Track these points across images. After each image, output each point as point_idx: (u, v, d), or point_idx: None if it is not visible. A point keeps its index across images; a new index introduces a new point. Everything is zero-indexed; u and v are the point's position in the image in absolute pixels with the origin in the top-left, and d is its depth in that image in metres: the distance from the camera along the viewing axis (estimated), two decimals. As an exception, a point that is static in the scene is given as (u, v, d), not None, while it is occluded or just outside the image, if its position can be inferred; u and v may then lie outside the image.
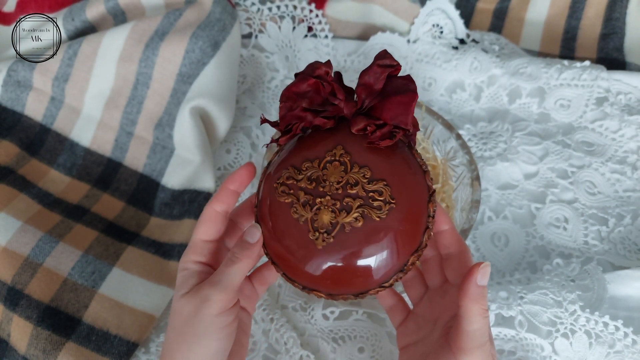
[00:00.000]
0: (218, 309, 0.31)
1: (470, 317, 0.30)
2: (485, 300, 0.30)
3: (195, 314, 0.31)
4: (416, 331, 0.36)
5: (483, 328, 0.30)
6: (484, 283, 0.30)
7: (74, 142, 0.55)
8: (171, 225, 0.51)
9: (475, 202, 0.43)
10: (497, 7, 0.70)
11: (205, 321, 0.31)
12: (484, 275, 0.30)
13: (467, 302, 0.30)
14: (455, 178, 0.47)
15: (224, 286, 0.31)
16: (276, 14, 0.65)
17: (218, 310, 0.31)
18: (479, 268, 0.30)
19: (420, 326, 0.36)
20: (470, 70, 0.61)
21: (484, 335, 0.31)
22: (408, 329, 0.37)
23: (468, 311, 0.30)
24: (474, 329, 0.30)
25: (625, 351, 0.41)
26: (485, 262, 0.30)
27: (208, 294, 0.31)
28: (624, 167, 0.54)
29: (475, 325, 0.30)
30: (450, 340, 0.31)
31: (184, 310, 0.32)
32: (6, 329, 0.43)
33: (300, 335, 0.45)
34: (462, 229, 0.41)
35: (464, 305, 0.30)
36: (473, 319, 0.30)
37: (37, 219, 0.48)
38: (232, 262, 0.32)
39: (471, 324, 0.30)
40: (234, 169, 0.56)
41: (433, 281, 0.36)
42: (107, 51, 0.54)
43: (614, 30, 0.65)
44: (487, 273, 0.30)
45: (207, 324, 0.31)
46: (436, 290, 0.35)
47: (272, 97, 0.61)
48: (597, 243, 0.50)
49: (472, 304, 0.30)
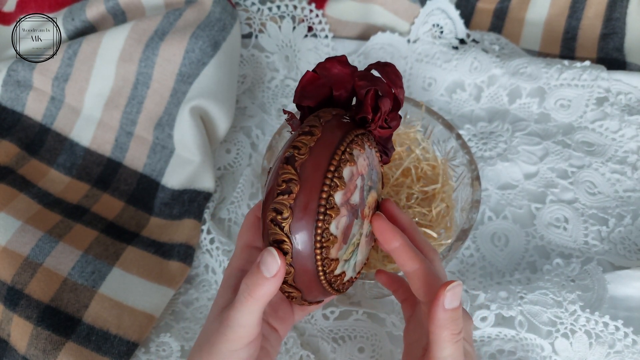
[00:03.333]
0: (236, 345, 0.29)
1: (440, 343, 0.29)
2: (455, 324, 0.29)
3: (212, 344, 0.29)
4: (415, 330, 0.35)
5: (455, 353, 0.29)
6: (454, 305, 0.28)
7: (74, 142, 0.55)
8: (171, 225, 0.51)
9: (476, 202, 0.43)
10: (497, 7, 0.70)
11: (220, 356, 0.29)
12: (453, 296, 0.28)
13: (434, 328, 0.29)
14: (455, 178, 0.47)
15: (240, 324, 0.29)
16: (276, 14, 0.65)
17: (236, 346, 0.29)
18: (446, 290, 0.28)
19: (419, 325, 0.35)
20: (470, 70, 0.61)
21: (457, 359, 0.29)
22: (410, 325, 0.36)
23: (437, 338, 0.29)
24: (445, 356, 0.29)
25: (625, 351, 0.41)
26: (455, 282, 0.28)
27: (227, 327, 0.29)
28: (624, 167, 0.54)
29: (446, 352, 0.29)
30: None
31: (208, 330, 0.30)
32: (6, 329, 0.43)
33: (300, 335, 0.45)
34: (462, 229, 0.41)
35: (432, 332, 0.29)
36: (442, 345, 0.29)
37: (37, 219, 0.48)
38: (244, 301, 0.28)
39: (441, 351, 0.29)
40: (234, 168, 0.56)
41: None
42: (107, 51, 0.54)
43: (614, 30, 0.65)
44: (457, 294, 0.28)
45: (222, 358, 0.29)
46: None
47: (272, 97, 0.61)
48: (597, 243, 0.50)
49: (441, 331, 0.28)
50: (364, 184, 0.30)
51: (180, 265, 0.48)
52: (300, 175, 0.27)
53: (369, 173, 0.31)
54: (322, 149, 0.28)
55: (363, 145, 0.30)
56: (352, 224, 0.29)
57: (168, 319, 0.46)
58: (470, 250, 0.50)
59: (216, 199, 0.53)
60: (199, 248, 0.50)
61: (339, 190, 0.28)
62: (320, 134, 0.28)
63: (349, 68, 0.32)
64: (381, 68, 0.33)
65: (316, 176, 0.27)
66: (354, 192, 0.29)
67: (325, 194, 0.27)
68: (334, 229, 0.28)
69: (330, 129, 0.29)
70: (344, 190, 0.28)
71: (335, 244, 0.28)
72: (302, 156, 0.28)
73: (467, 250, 0.50)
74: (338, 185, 0.27)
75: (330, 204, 0.27)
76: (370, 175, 0.31)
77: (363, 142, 0.30)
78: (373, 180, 0.32)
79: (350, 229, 0.29)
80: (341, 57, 0.32)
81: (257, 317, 0.29)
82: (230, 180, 0.56)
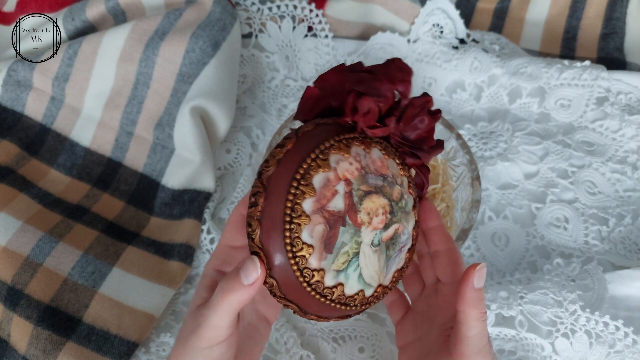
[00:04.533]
0: (206, 343, 0.29)
1: (469, 322, 0.29)
2: (483, 304, 0.30)
3: (186, 340, 0.30)
4: (414, 330, 0.36)
5: (482, 332, 0.30)
6: (481, 285, 0.29)
7: (74, 142, 0.55)
8: (171, 225, 0.51)
9: (476, 202, 0.43)
10: (497, 7, 0.70)
11: (192, 352, 0.30)
12: (480, 277, 0.29)
13: (464, 307, 0.29)
14: (455, 178, 0.47)
15: (211, 324, 0.29)
16: (276, 14, 0.65)
17: (206, 344, 0.29)
18: (475, 270, 0.29)
19: (418, 325, 0.35)
20: (470, 70, 0.61)
21: (484, 339, 0.30)
22: (406, 327, 0.36)
23: (466, 316, 0.29)
24: (473, 334, 0.29)
25: (625, 351, 0.41)
26: (481, 264, 0.29)
27: (198, 325, 0.29)
28: (624, 167, 0.54)
29: (475, 331, 0.29)
30: (451, 346, 0.31)
31: (185, 329, 0.31)
32: (6, 329, 0.43)
33: (300, 335, 0.45)
34: (462, 229, 0.41)
35: (462, 311, 0.29)
36: (472, 324, 0.29)
37: (37, 219, 0.48)
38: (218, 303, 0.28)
39: (470, 330, 0.29)
40: (234, 168, 0.56)
41: (428, 278, 0.36)
42: (107, 51, 0.54)
43: (614, 30, 0.65)
44: (483, 275, 0.29)
45: (194, 354, 0.30)
46: (431, 287, 0.35)
47: (273, 96, 0.61)
48: (597, 243, 0.50)
49: (470, 309, 0.29)
50: (351, 188, 0.29)
51: (180, 265, 0.48)
52: (266, 188, 0.28)
53: (364, 177, 0.29)
54: (290, 159, 0.28)
55: (349, 148, 0.29)
56: (335, 231, 0.28)
57: (168, 319, 0.46)
58: (470, 250, 0.50)
59: (216, 199, 0.53)
60: (199, 248, 0.50)
61: (307, 197, 0.27)
62: (292, 145, 0.29)
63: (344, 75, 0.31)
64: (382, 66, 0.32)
65: (281, 186, 0.28)
66: (333, 199, 0.28)
67: (290, 202, 0.27)
68: (306, 237, 0.27)
69: (306, 139, 0.29)
70: (314, 197, 0.27)
71: (313, 253, 0.28)
72: (268, 169, 0.28)
73: (468, 250, 0.50)
74: (305, 192, 0.27)
75: (297, 212, 0.27)
76: (366, 179, 0.29)
77: (350, 146, 0.29)
78: (376, 184, 0.30)
79: (334, 237, 0.28)
80: (340, 65, 0.32)
81: (229, 320, 0.29)
82: (231, 180, 0.56)
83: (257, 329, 0.35)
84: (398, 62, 0.32)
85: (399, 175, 0.31)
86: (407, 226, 0.31)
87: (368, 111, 0.30)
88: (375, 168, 0.30)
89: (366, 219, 0.29)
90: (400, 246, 0.31)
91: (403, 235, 0.31)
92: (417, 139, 0.32)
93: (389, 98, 0.31)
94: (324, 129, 0.30)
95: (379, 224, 0.29)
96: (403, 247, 0.31)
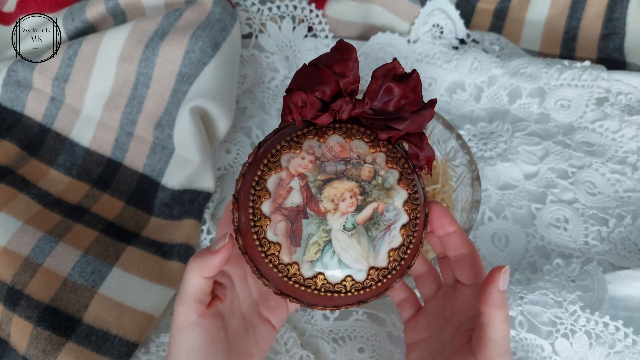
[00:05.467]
0: (181, 323, 0.31)
1: (495, 324, 0.29)
2: (507, 306, 0.30)
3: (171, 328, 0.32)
4: (426, 328, 0.36)
5: (507, 334, 0.30)
6: (505, 287, 0.30)
7: (74, 142, 0.55)
8: (171, 225, 0.51)
9: (476, 202, 0.43)
10: (497, 7, 0.70)
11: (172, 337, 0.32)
12: (505, 280, 0.29)
13: (490, 309, 0.29)
14: (455, 178, 0.47)
15: (180, 299, 0.31)
16: (276, 14, 0.65)
17: (181, 325, 0.31)
18: (501, 273, 0.29)
19: (430, 323, 0.35)
20: (470, 70, 0.61)
21: (508, 341, 0.30)
22: (418, 324, 0.36)
23: (492, 318, 0.29)
24: (498, 336, 0.30)
25: (625, 351, 0.41)
26: (506, 266, 0.30)
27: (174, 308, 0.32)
28: (624, 168, 0.54)
29: (500, 333, 0.30)
30: (475, 348, 0.31)
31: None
32: (6, 329, 0.43)
33: (300, 335, 0.45)
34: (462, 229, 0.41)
35: (487, 313, 0.29)
36: (497, 325, 0.29)
37: (37, 219, 0.48)
38: (189, 265, 0.31)
39: (496, 331, 0.29)
40: (234, 169, 0.56)
41: (446, 279, 0.35)
42: (107, 51, 0.54)
43: (614, 30, 0.65)
44: (507, 278, 0.30)
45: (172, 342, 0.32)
46: (449, 288, 0.35)
47: (272, 97, 0.61)
48: (597, 243, 0.50)
49: (496, 311, 0.29)
50: (307, 181, 0.30)
51: (180, 266, 0.48)
52: (237, 200, 0.31)
53: (320, 167, 0.30)
54: (251, 170, 0.31)
55: (300, 144, 0.31)
56: (298, 225, 0.30)
57: (168, 319, 0.46)
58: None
59: (216, 199, 0.53)
60: (199, 248, 0.50)
61: (264, 200, 0.30)
62: (253, 157, 0.32)
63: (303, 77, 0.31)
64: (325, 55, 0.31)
65: (244, 196, 0.30)
66: (288, 196, 0.30)
67: (250, 209, 0.30)
68: (271, 236, 0.30)
69: (265, 148, 0.31)
70: (270, 198, 0.30)
71: (281, 249, 0.30)
72: (237, 184, 0.32)
73: (467, 250, 0.50)
74: (261, 197, 0.30)
75: (257, 216, 0.30)
76: (323, 167, 0.30)
77: (301, 142, 0.31)
78: (337, 170, 0.30)
79: (298, 230, 0.30)
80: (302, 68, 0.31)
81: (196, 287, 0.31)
82: (231, 181, 0.56)
83: (258, 331, 0.35)
84: (339, 44, 0.31)
85: (369, 154, 0.31)
86: (391, 202, 0.31)
87: (304, 104, 0.30)
88: (333, 154, 0.31)
89: (330, 206, 0.30)
90: (387, 224, 0.31)
91: (387, 212, 0.31)
92: (396, 109, 0.31)
93: (329, 83, 0.30)
94: (282, 134, 0.32)
95: (349, 208, 0.30)
96: (392, 224, 0.31)
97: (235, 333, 0.33)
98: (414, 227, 0.31)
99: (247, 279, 0.35)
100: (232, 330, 0.33)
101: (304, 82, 0.30)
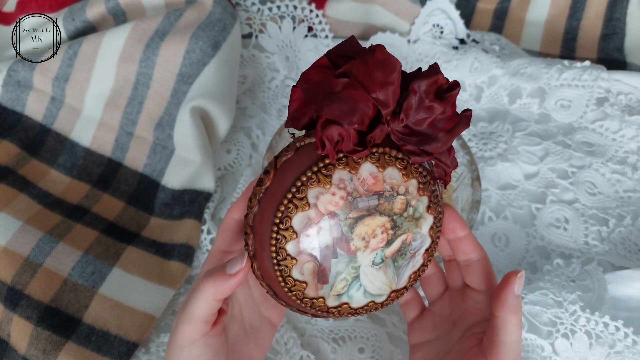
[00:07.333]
0: (184, 340, 0.30)
1: (509, 328, 0.29)
2: (521, 310, 0.30)
3: (170, 339, 0.31)
4: (432, 329, 0.36)
5: (520, 338, 0.30)
6: (520, 292, 0.30)
7: (74, 142, 0.55)
8: (171, 225, 0.51)
9: (476, 203, 0.43)
10: (497, 7, 0.70)
11: (172, 352, 0.30)
12: (520, 284, 0.30)
13: (505, 313, 0.29)
14: (455, 178, 0.47)
15: (187, 317, 0.29)
16: (276, 14, 0.65)
17: (184, 343, 0.30)
18: (517, 277, 0.29)
19: (437, 324, 0.35)
20: (470, 70, 0.61)
21: (520, 345, 0.30)
22: (423, 326, 0.36)
23: (506, 322, 0.29)
24: (512, 340, 0.30)
25: (625, 352, 0.41)
26: (521, 271, 0.30)
27: (177, 322, 0.30)
28: (624, 168, 0.54)
29: (514, 336, 0.30)
30: (486, 350, 0.31)
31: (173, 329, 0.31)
32: (6, 329, 0.43)
33: (300, 335, 0.45)
34: (462, 230, 0.41)
35: (501, 317, 0.29)
36: (511, 329, 0.29)
37: (37, 219, 0.48)
38: (201, 286, 0.29)
39: (510, 335, 0.30)
40: (234, 169, 0.56)
41: (454, 282, 0.35)
42: (107, 51, 0.54)
43: (614, 30, 0.65)
44: (522, 282, 0.30)
45: (173, 355, 0.30)
46: (457, 291, 0.35)
47: (273, 97, 0.61)
48: (597, 243, 0.50)
49: (511, 315, 0.29)
50: (338, 219, 0.27)
51: (180, 266, 0.48)
52: (253, 229, 0.28)
53: (352, 203, 0.27)
54: (270, 197, 0.27)
55: (329, 178, 0.27)
56: (327, 265, 0.27)
57: (168, 320, 0.46)
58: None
59: (216, 199, 0.53)
60: (199, 248, 0.50)
61: (290, 240, 0.27)
62: (270, 181, 0.28)
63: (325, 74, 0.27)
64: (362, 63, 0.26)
65: (265, 228, 0.27)
66: (315, 237, 0.27)
67: (274, 247, 0.27)
68: (297, 275, 0.28)
69: (285, 170, 0.28)
70: (296, 239, 0.27)
71: (307, 287, 0.28)
72: (252, 209, 0.28)
73: (468, 250, 0.50)
74: (286, 237, 0.27)
75: (282, 256, 0.27)
76: (355, 204, 0.27)
77: (331, 174, 0.27)
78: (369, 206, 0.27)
79: (327, 270, 0.28)
80: (320, 60, 0.27)
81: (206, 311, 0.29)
82: (231, 181, 0.56)
83: (259, 332, 0.35)
84: (379, 54, 0.26)
85: (402, 183, 0.28)
86: (419, 231, 0.29)
87: (340, 139, 0.26)
88: (366, 189, 0.27)
89: (361, 244, 0.28)
90: (413, 252, 0.30)
91: (414, 242, 0.29)
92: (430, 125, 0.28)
93: (367, 112, 0.26)
94: (304, 154, 0.28)
95: (379, 244, 0.28)
96: (417, 251, 0.30)
97: (235, 338, 0.33)
98: (435, 247, 0.31)
99: (249, 282, 0.35)
100: (233, 335, 0.33)
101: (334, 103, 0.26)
